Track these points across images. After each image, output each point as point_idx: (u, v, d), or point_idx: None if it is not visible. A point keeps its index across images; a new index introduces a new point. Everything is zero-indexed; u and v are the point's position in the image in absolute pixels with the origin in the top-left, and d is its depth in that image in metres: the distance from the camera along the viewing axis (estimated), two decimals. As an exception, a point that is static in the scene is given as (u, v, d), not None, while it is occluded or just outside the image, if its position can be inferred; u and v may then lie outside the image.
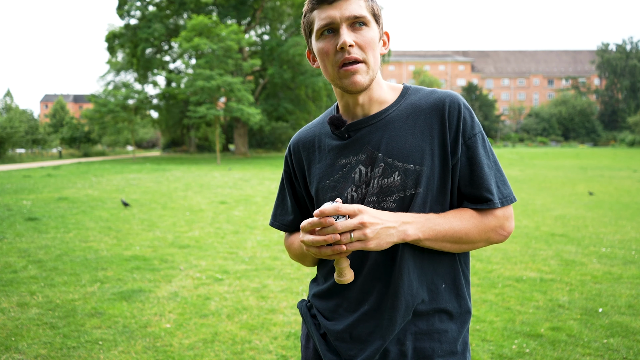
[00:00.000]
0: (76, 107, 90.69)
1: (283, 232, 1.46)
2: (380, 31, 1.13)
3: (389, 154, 1.13)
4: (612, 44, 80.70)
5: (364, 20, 1.07)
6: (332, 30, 1.08)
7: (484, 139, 1.15)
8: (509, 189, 1.16)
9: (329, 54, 1.09)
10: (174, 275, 4.83)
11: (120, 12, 35.90)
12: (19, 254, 5.61)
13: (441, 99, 1.14)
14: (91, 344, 3.21)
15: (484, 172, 1.12)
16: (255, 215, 8.78)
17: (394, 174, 1.11)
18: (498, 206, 1.12)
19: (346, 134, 1.19)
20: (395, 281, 1.12)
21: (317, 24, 1.10)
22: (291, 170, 1.31)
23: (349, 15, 1.06)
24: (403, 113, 1.16)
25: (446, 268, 1.17)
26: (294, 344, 3.24)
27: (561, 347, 3.17)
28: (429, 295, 1.15)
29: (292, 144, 1.31)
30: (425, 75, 69.74)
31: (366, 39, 1.08)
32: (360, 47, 1.08)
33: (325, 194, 1.20)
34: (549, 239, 6.59)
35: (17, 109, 54.97)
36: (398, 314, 1.12)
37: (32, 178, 16.94)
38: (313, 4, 1.09)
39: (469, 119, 1.13)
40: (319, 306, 1.26)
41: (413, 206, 1.11)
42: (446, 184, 1.13)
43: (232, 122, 39.12)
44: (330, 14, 1.07)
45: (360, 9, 1.06)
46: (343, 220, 0.98)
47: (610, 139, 67.57)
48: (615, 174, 19.20)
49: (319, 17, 1.09)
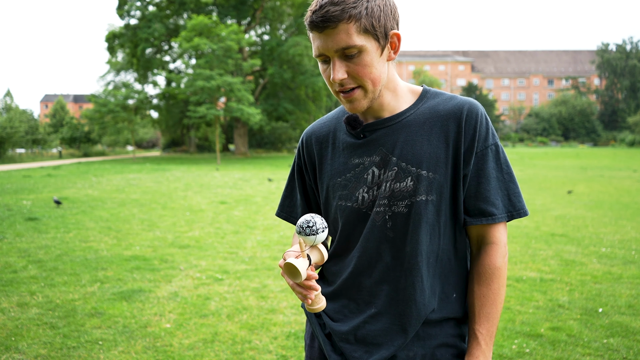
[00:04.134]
0: (76, 107, 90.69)
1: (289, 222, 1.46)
2: (383, 41, 1.06)
3: (403, 158, 1.11)
4: (612, 44, 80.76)
5: (354, 49, 1.02)
6: (326, 60, 1.07)
7: (498, 151, 1.12)
8: (522, 202, 1.13)
9: (328, 80, 1.09)
10: (174, 275, 4.83)
11: (120, 12, 35.92)
12: (19, 254, 5.61)
13: (459, 106, 1.12)
14: (91, 344, 3.21)
15: (490, 186, 1.10)
16: (255, 215, 8.78)
17: (407, 179, 1.10)
18: (502, 220, 1.11)
19: (361, 134, 1.18)
20: (407, 288, 1.11)
21: (313, 49, 1.09)
22: (302, 162, 1.30)
23: (337, 48, 1.02)
24: (420, 117, 1.14)
25: (458, 278, 1.16)
26: (294, 344, 3.24)
27: (561, 347, 3.17)
28: (440, 304, 1.14)
29: (306, 136, 1.30)
30: (425, 76, 69.67)
31: (359, 68, 1.04)
32: (354, 76, 1.06)
33: (335, 192, 1.19)
34: (549, 239, 6.59)
35: (17, 109, 54.90)
36: (409, 322, 1.12)
37: (32, 178, 16.94)
38: (307, 27, 1.07)
39: (485, 129, 1.11)
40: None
41: (426, 213, 1.10)
42: (458, 193, 1.12)
43: (232, 122, 39.13)
44: (320, 45, 1.04)
45: (348, 38, 1.01)
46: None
47: (610, 139, 67.56)
48: (615, 174, 19.20)
49: (313, 42, 1.07)
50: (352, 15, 1.00)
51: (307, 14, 1.04)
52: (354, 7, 1.00)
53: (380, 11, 1.03)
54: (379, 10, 1.03)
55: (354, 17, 1.00)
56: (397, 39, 1.09)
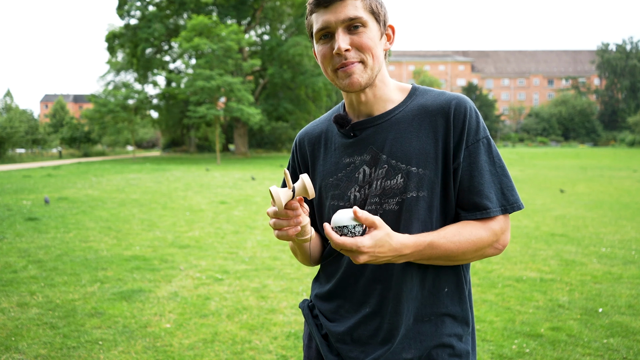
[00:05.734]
0: (76, 107, 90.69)
1: None
2: (382, 28, 1.11)
3: (393, 156, 1.12)
4: (612, 44, 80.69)
5: (360, 21, 1.05)
6: (329, 35, 1.08)
7: (490, 144, 1.12)
8: (516, 196, 1.12)
9: (327, 58, 1.09)
10: (174, 275, 4.83)
11: (120, 12, 35.91)
12: (19, 254, 5.61)
13: (448, 101, 1.12)
14: (91, 344, 3.21)
15: (484, 179, 1.10)
16: (255, 215, 8.78)
17: (397, 176, 1.11)
18: (497, 214, 1.09)
19: (351, 132, 1.18)
20: (398, 285, 1.11)
21: (315, 28, 1.09)
22: (297, 164, 1.32)
23: (344, 18, 1.04)
24: (409, 114, 1.14)
25: (449, 272, 1.16)
26: (294, 344, 3.24)
27: (561, 347, 3.17)
28: (432, 300, 1.14)
29: (299, 138, 1.31)
30: (425, 75, 69.70)
31: (363, 40, 1.06)
32: (358, 48, 1.07)
33: (328, 192, 1.20)
34: (549, 239, 6.59)
35: (17, 109, 54.88)
36: (401, 318, 1.12)
37: (32, 178, 16.94)
38: (311, 8, 1.09)
39: (475, 123, 1.11)
40: (321, 307, 1.26)
41: (417, 210, 1.10)
42: (449, 189, 1.11)
43: (232, 122, 39.11)
44: (325, 19, 1.06)
45: (355, 10, 1.04)
46: (346, 238, 0.97)
47: (610, 139, 67.55)
48: (615, 174, 19.20)
49: (316, 20, 1.09)
50: None
51: None
52: None
53: (380, 2, 1.11)
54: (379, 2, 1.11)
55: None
56: (392, 31, 1.15)
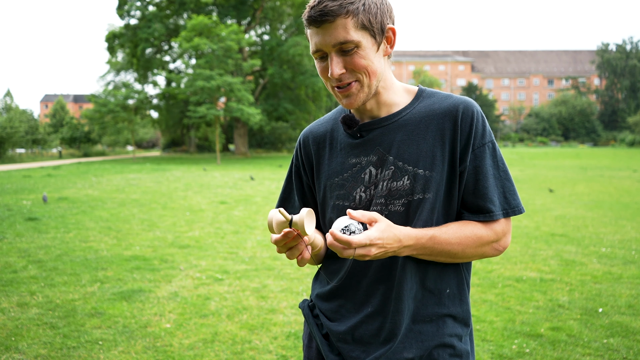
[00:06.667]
0: (76, 107, 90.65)
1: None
2: (379, 37, 1.09)
3: (399, 158, 1.12)
4: (612, 44, 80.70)
5: (351, 44, 1.04)
6: (323, 56, 1.08)
7: (495, 149, 1.14)
8: (517, 200, 1.14)
9: (325, 75, 1.10)
10: (174, 275, 4.83)
11: (120, 12, 35.91)
12: (19, 254, 5.61)
13: (455, 105, 1.13)
14: (91, 344, 3.21)
15: (488, 183, 1.11)
16: (255, 215, 8.78)
17: (404, 177, 1.11)
18: (499, 217, 1.11)
19: (358, 133, 1.18)
20: (399, 285, 1.12)
21: (310, 47, 1.10)
22: (300, 163, 1.31)
23: (335, 43, 1.04)
24: (416, 116, 1.15)
25: (451, 273, 1.17)
26: (294, 344, 3.24)
27: (561, 347, 3.17)
28: (434, 300, 1.15)
29: (303, 137, 1.30)
30: (425, 75, 69.70)
31: (355, 61, 1.06)
32: (351, 69, 1.07)
33: (333, 192, 1.20)
34: (549, 239, 6.59)
35: (17, 109, 54.84)
36: (402, 317, 1.12)
37: (32, 178, 16.94)
38: (306, 24, 1.08)
39: (481, 127, 1.12)
40: (322, 307, 1.26)
41: (422, 211, 1.10)
42: (453, 191, 1.13)
43: (232, 122, 39.12)
44: (317, 41, 1.06)
45: (345, 32, 1.03)
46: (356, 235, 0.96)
47: (610, 139, 67.56)
48: (615, 174, 19.19)
49: (311, 39, 1.09)
50: (350, 11, 1.02)
51: (305, 11, 1.06)
52: (352, 3, 1.03)
53: (377, 8, 1.06)
54: (376, 7, 1.06)
55: (351, 13, 1.03)
56: (393, 33, 1.12)
